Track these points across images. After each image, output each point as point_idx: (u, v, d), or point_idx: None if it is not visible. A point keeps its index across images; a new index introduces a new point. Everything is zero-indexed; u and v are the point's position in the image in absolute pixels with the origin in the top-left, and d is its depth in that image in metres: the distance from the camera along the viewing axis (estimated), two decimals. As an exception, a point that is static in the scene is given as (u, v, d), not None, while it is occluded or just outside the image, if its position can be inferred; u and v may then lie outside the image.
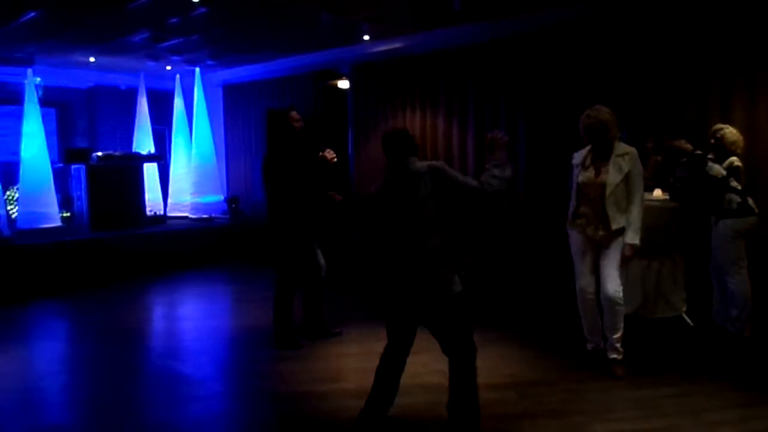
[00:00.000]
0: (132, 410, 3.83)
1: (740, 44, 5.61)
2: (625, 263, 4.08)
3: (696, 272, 5.19)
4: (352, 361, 4.53)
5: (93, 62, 9.30)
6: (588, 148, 4.21)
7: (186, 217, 9.89)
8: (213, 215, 9.81)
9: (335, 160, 4.73)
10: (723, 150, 4.76)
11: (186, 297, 7.16)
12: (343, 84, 9.52)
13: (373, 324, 5.22)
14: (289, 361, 4.60)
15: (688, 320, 5.02)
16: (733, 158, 4.74)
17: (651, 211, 4.94)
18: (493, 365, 4.36)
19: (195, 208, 9.90)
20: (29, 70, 8.54)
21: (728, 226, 4.61)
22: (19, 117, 8.71)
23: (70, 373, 4.67)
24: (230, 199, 10.08)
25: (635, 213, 3.99)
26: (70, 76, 10.13)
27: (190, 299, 7.08)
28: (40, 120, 8.58)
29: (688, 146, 4.91)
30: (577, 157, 4.28)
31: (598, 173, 4.08)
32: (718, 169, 4.63)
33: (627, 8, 6.26)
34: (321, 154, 4.70)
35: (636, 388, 3.88)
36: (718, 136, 4.80)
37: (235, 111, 11.22)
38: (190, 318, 6.33)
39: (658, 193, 5.17)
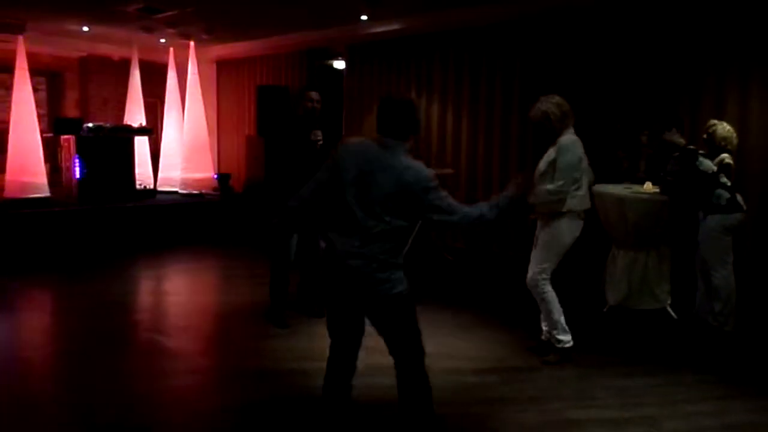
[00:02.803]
0: (116, 382, 3.83)
1: (735, 41, 5.63)
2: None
3: (681, 266, 5.24)
4: (337, 342, 4.55)
5: (86, 31, 9.17)
6: None
7: (176, 193, 9.84)
8: (203, 191, 9.77)
9: (320, 142, 4.73)
10: (714, 146, 4.78)
11: (174, 272, 7.14)
12: (339, 64, 9.46)
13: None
14: (274, 338, 4.62)
15: (672, 313, 5.07)
16: (725, 155, 4.77)
17: (640, 204, 4.98)
18: (477, 349, 4.41)
19: (185, 183, 9.84)
20: (20, 38, 8.40)
21: (716, 221, 4.63)
22: (8, 85, 8.58)
23: (55, 345, 4.66)
24: (221, 176, 10.03)
25: (547, 187, 3.93)
26: (62, 44, 9.98)
27: (178, 274, 7.06)
28: (30, 88, 8.45)
29: (681, 140, 4.93)
30: None
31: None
32: (708, 165, 4.64)
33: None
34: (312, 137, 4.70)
35: (617, 378, 3.92)
36: (710, 131, 4.84)
37: (228, 87, 11.14)
38: (177, 293, 6.32)
39: (648, 186, 5.19)
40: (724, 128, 4.81)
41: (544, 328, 4.30)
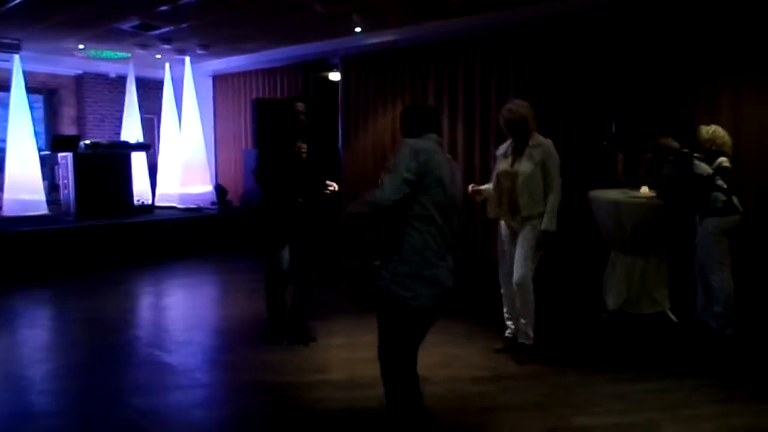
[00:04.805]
0: (116, 398, 3.82)
1: (728, 48, 5.68)
2: (541, 248, 4.19)
3: (680, 269, 5.24)
4: (338, 353, 4.54)
5: (82, 49, 9.22)
6: (510, 140, 4.34)
7: (174, 207, 9.84)
8: (201, 206, 9.77)
9: (304, 154, 4.66)
10: (701, 149, 4.81)
11: (173, 287, 7.13)
12: (334, 76, 9.51)
13: (360, 317, 5.24)
14: (276, 351, 4.60)
15: (672, 317, 5.07)
16: (723, 158, 4.79)
17: (637, 209, 4.99)
18: (476, 358, 4.40)
19: (183, 198, 9.85)
20: (16, 57, 8.45)
21: (713, 224, 4.64)
22: (5, 104, 8.63)
23: (55, 361, 4.65)
24: (219, 190, 10.04)
25: (552, 201, 4.10)
26: (59, 62, 10.03)
27: (177, 289, 7.05)
28: (28, 107, 8.49)
29: (675, 144, 4.95)
30: (501, 149, 4.43)
31: (513, 163, 4.24)
32: (704, 168, 4.66)
33: (621, 5, 6.30)
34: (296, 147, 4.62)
35: (618, 383, 3.92)
36: (696, 134, 4.88)
37: (225, 101, 11.17)
38: (176, 308, 6.31)
39: (645, 190, 5.21)
40: (707, 131, 4.85)
41: (512, 326, 4.44)
